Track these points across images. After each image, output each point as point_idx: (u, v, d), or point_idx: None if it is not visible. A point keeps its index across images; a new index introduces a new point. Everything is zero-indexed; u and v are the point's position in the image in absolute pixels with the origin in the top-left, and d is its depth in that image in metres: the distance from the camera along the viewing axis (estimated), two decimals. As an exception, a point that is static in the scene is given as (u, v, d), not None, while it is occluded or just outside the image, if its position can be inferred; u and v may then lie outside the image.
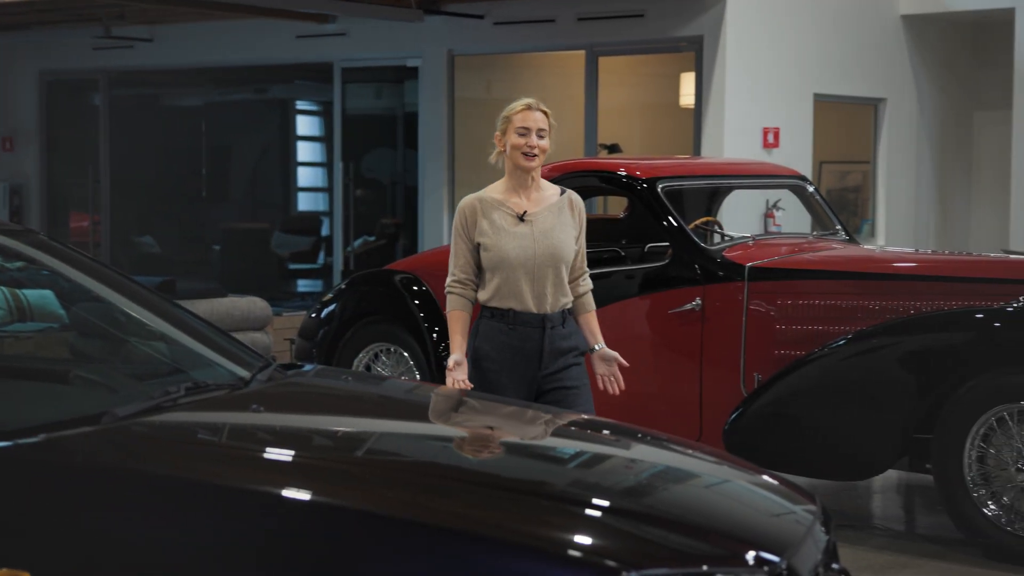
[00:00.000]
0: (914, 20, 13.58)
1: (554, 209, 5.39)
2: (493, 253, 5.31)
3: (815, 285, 6.83)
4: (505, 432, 4.09)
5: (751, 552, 3.12)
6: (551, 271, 5.32)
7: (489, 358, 5.34)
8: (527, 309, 5.31)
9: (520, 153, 5.34)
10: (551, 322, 5.33)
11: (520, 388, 5.32)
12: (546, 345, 5.32)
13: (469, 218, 5.38)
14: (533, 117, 5.37)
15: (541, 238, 5.32)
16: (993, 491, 6.23)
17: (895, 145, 13.67)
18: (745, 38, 11.81)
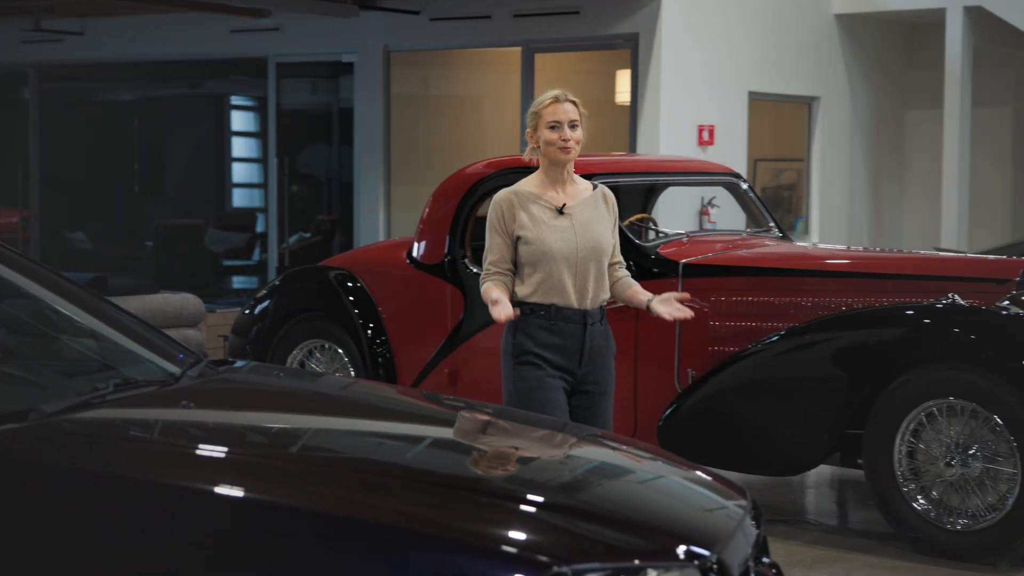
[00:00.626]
0: (848, 19, 13.69)
1: (590, 202, 5.31)
2: (535, 247, 5.19)
3: (748, 282, 6.87)
4: (441, 428, 4.09)
5: (682, 546, 3.16)
6: (593, 265, 5.24)
7: (532, 353, 5.21)
8: (569, 304, 5.21)
9: (556, 148, 5.22)
10: (592, 318, 5.25)
11: (559, 388, 5.22)
12: (587, 342, 5.24)
13: (507, 212, 5.24)
14: (563, 109, 5.24)
15: (582, 231, 5.23)
16: (923, 486, 6.30)
17: (829, 143, 13.78)
18: (680, 36, 11.86)
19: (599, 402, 5.30)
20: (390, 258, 7.95)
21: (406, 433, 3.99)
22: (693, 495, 3.73)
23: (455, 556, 2.98)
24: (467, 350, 7.45)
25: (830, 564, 6.25)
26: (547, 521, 3.19)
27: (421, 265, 7.65)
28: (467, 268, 7.45)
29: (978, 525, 6.17)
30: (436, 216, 7.61)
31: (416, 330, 7.67)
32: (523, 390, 5.19)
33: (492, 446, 3.97)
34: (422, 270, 7.64)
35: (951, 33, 12.96)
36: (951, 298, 6.35)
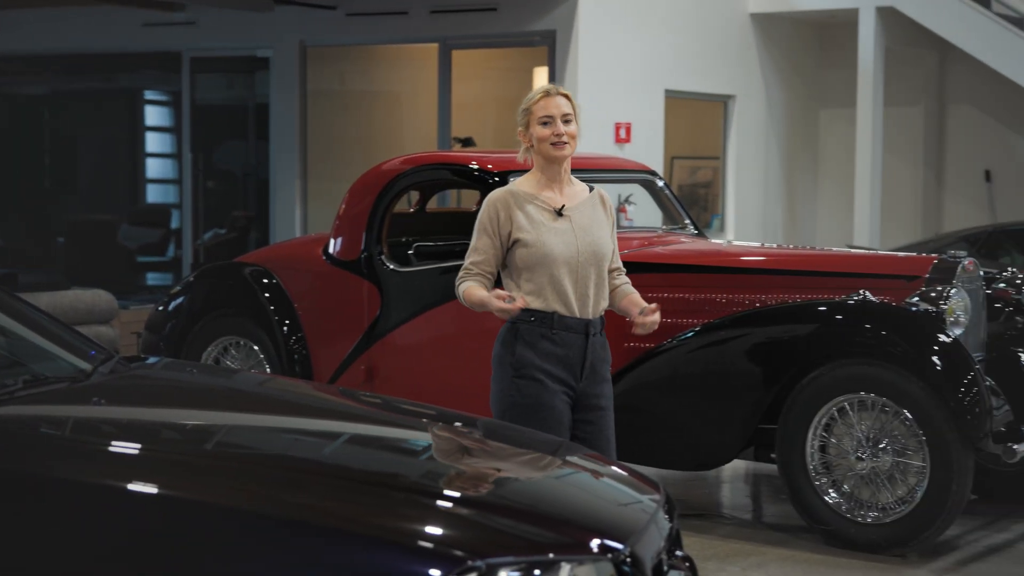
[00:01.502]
0: (763, 19, 13.82)
1: (588, 205, 5.03)
2: (535, 249, 4.87)
3: (663, 278, 6.92)
4: (358, 424, 4.08)
5: (595, 540, 3.20)
6: (594, 270, 4.95)
7: (534, 366, 4.87)
8: (571, 313, 4.90)
9: (548, 144, 4.94)
10: (593, 328, 4.95)
11: (562, 399, 4.91)
12: (588, 354, 4.94)
13: (502, 212, 4.91)
14: (554, 103, 4.95)
15: (582, 234, 4.94)
16: (834, 479, 6.38)
17: (744, 141, 13.90)
18: (597, 33, 11.91)
19: (600, 418, 5.02)
20: (306, 254, 7.91)
21: (322, 429, 3.98)
22: (607, 490, 3.77)
23: (370, 552, 2.99)
24: (384, 347, 7.44)
25: (744, 558, 6.32)
26: (462, 516, 3.21)
27: (337, 262, 7.62)
28: (384, 265, 7.43)
29: (888, 518, 6.26)
30: (352, 212, 7.58)
31: (332, 327, 7.64)
32: (524, 407, 4.86)
33: (409, 442, 3.97)
34: (338, 267, 7.61)
35: (864, 33, 13.13)
36: (862, 294, 6.43)
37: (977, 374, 6.13)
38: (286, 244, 9.06)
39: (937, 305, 6.37)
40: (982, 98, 14.17)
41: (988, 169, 14.26)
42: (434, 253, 7.75)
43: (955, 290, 6.44)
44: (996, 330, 7.01)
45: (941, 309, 6.36)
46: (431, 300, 7.30)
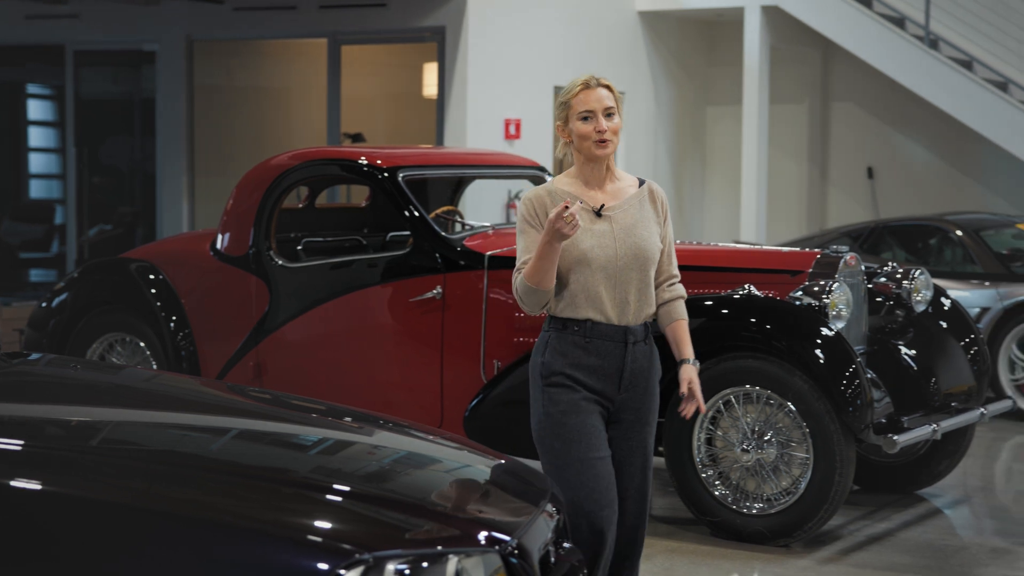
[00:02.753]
0: (651, 16, 13.95)
1: (634, 202, 4.59)
2: (568, 252, 4.47)
3: (553, 273, 6.95)
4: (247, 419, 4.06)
5: (483, 533, 3.23)
6: (636, 275, 4.53)
7: (564, 375, 4.51)
8: (607, 320, 4.51)
9: (591, 142, 4.51)
10: (634, 336, 4.54)
11: (596, 412, 4.52)
12: (627, 364, 4.53)
13: (539, 209, 4.52)
14: (595, 96, 4.54)
15: (623, 236, 4.52)
16: (720, 471, 6.47)
17: (633, 138, 14.02)
18: (487, 30, 11.94)
19: (638, 433, 4.59)
20: (193, 250, 7.84)
21: (209, 425, 3.95)
22: (495, 483, 3.79)
23: (258, 546, 2.99)
24: (273, 343, 7.40)
25: (632, 549, 6.37)
26: (351, 510, 3.22)
27: (225, 257, 7.56)
28: (272, 260, 7.40)
29: (773, 509, 6.37)
30: (240, 208, 7.53)
31: (220, 323, 7.59)
32: (555, 415, 4.50)
33: (299, 437, 3.96)
34: (226, 262, 7.55)
35: (749, 32, 13.31)
36: (747, 289, 6.53)
37: (859, 367, 6.25)
38: (173, 240, 8.96)
39: (820, 299, 6.49)
40: (865, 96, 14.43)
41: (871, 166, 14.52)
42: (323, 249, 7.73)
43: (837, 284, 6.56)
44: (877, 323, 7.16)
45: (824, 303, 6.48)
46: (320, 296, 7.28)
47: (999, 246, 10.33)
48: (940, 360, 7.10)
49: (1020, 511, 7.41)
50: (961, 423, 6.91)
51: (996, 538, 6.74)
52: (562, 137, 4.62)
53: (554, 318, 4.56)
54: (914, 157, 14.32)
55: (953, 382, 7.08)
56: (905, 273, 7.21)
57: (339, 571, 2.92)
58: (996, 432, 9.19)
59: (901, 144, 14.42)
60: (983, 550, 6.51)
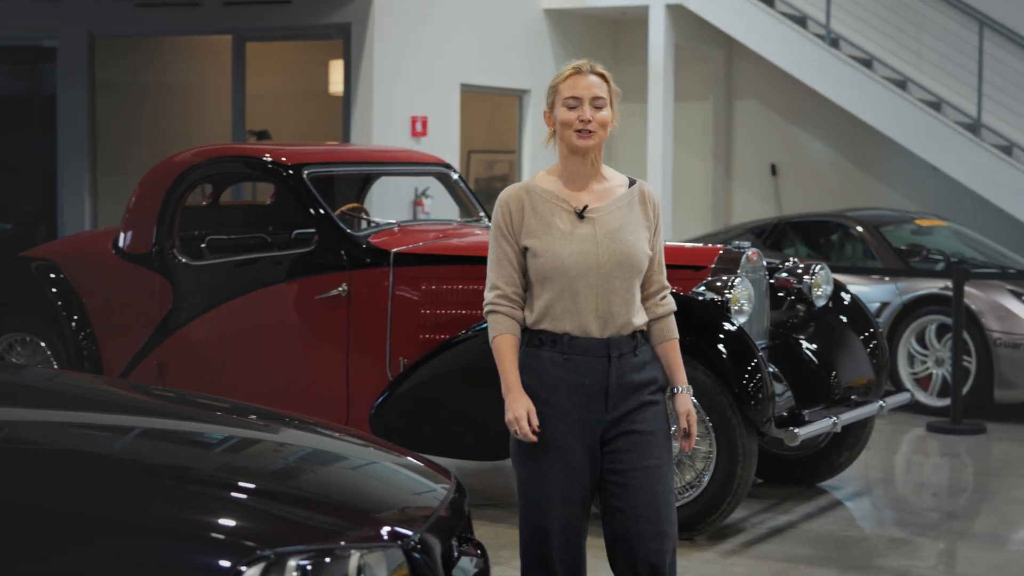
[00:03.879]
0: (556, 14, 14.01)
1: (622, 203, 4.17)
2: (544, 260, 4.07)
3: (458, 270, 6.98)
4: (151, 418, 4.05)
5: (386, 528, 3.26)
6: (621, 283, 4.11)
7: (538, 399, 4.07)
8: (587, 333, 4.07)
9: (572, 131, 4.12)
10: (618, 349, 4.10)
11: (579, 435, 4.07)
12: (612, 379, 4.08)
13: (515, 213, 4.12)
14: (584, 83, 4.17)
15: (607, 240, 4.10)
16: (625, 466, 6.52)
17: (539, 136, 14.00)
18: (393, 27, 11.93)
19: (648, 443, 4.10)
20: (95, 249, 7.76)
21: (113, 424, 3.94)
22: (400, 479, 3.82)
23: (160, 544, 3.00)
24: (177, 341, 7.35)
25: (535, 544, 6.40)
26: (255, 508, 3.24)
27: (128, 255, 7.50)
28: (176, 258, 7.35)
29: (677, 502, 6.42)
30: (143, 206, 7.47)
31: (123, 322, 7.52)
32: (525, 446, 4.09)
33: (203, 435, 3.95)
34: (129, 260, 7.49)
35: (654, 30, 13.41)
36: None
37: (760, 361, 6.34)
38: (74, 238, 8.88)
39: (722, 294, 6.57)
40: (768, 94, 14.60)
41: (774, 163, 14.70)
42: (227, 247, 7.69)
43: (739, 280, 6.64)
44: (779, 318, 7.26)
45: (726, 298, 6.56)
46: (225, 294, 7.24)
47: (898, 242, 10.51)
48: (840, 354, 7.21)
49: (919, 502, 7.55)
50: (861, 416, 7.03)
51: (895, 529, 6.87)
52: (547, 125, 4.25)
53: (530, 332, 4.12)
54: (816, 154, 14.52)
55: (853, 376, 7.20)
56: (806, 268, 7.32)
57: (240, 568, 2.94)
58: (895, 425, 9.35)
59: (804, 141, 14.62)
60: (882, 541, 6.63)
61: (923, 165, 13.16)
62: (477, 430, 6.76)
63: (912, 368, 9.82)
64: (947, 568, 6.34)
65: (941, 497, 7.64)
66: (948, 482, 8.12)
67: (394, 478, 3.82)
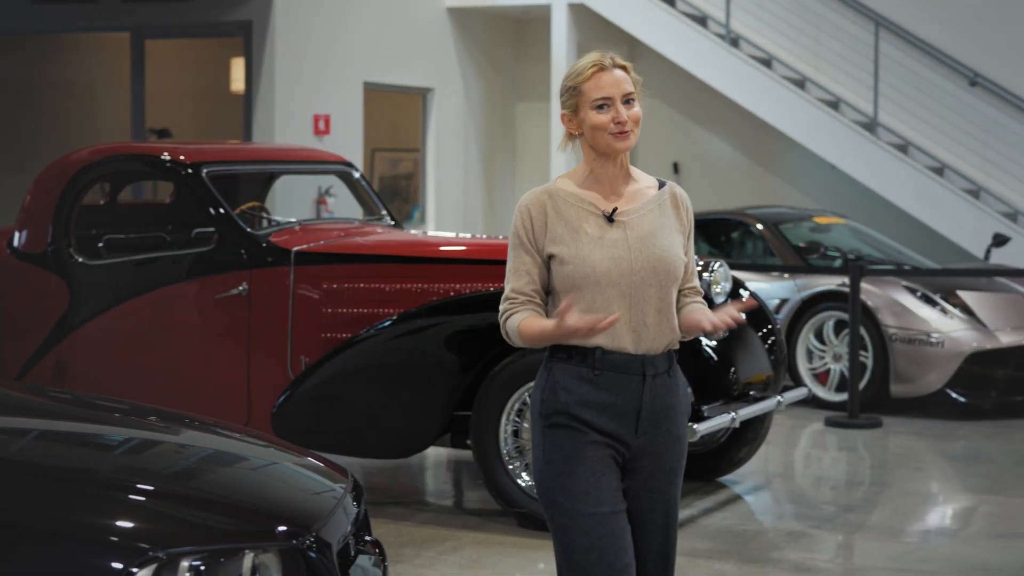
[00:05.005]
0: (460, 13, 14.02)
1: (653, 206, 3.86)
2: (573, 267, 3.72)
3: (359, 269, 6.97)
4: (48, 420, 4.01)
5: (281, 527, 3.27)
6: (655, 291, 3.76)
7: (567, 414, 3.72)
8: (621, 348, 3.72)
9: (608, 135, 3.76)
10: (654, 368, 3.75)
11: (606, 459, 3.74)
12: (646, 401, 3.74)
13: (536, 219, 3.77)
14: (612, 79, 3.78)
15: (639, 246, 3.77)
16: (527, 463, 6.55)
17: (443, 134, 14.09)
18: (295, 25, 11.87)
19: (660, 484, 3.81)
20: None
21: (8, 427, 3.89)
22: (298, 478, 3.82)
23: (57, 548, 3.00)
24: (74, 342, 7.26)
25: (440, 543, 6.43)
26: (152, 509, 3.24)
27: (23, 255, 7.40)
28: (72, 258, 7.26)
29: (578, 497, 6.46)
30: (38, 205, 7.37)
31: (18, 322, 7.42)
32: (557, 463, 3.73)
33: (102, 437, 3.93)
34: (24, 260, 7.39)
35: (556, 29, 13.48)
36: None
37: (660, 358, 6.38)
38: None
39: (622, 292, 6.61)
40: (670, 93, 14.73)
41: (676, 161, 14.83)
42: (125, 246, 7.62)
43: (639, 277, 6.69)
44: (679, 315, 7.32)
45: (626, 295, 6.60)
46: (123, 294, 7.18)
47: (797, 239, 10.66)
48: (739, 350, 7.29)
49: (817, 496, 7.67)
50: (759, 411, 7.11)
51: (794, 522, 6.97)
52: (567, 128, 3.83)
53: (556, 346, 3.76)
54: (717, 152, 14.68)
55: (751, 371, 7.28)
56: (705, 265, 7.38)
57: (132, 570, 2.94)
58: (794, 420, 9.48)
59: (705, 140, 14.76)
60: (781, 534, 6.72)
61: (822, 163, 13.36)
62: (381, 429, 6.77)
63: (811, 363, 9.96)
64: (845, 560, 6.45)
65: (839, 490, 7.76)
66: (846, 475, 8.25)
67: (292, 478, 3.82)
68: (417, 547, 6.36)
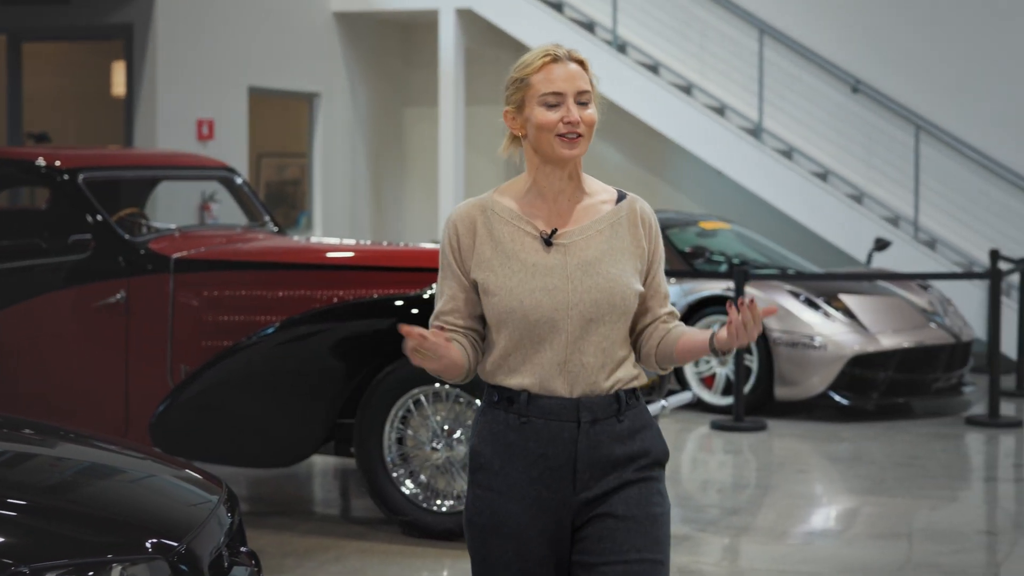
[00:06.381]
0: (346, 18, 13.95)
1: (604, 226, 3.32)
2: (499, 299, 3.24)
3: (240, 276, 6.89)
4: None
5: (150, 539, 3.25)
6: (598, 328, 3.25)
7: (490, 469, 3.27)
8: (551, 391, 3.24)
9: (555, 137, 3.27)
10: (591, 412, 3.25)
11: (539, 519, 3.24)
12: (582, 451, 3.24)
13: (463, 237, 3.31)
14: (564, 73, 3.28)
15: (580, 275, 3.26)
16: (411, 470, 6.51)
17: (330, 139, 14.00)
18: (177, 28, 11.72)
19: (621, 528, 3.24)
20: None
21: None
22: (171, 490, 3.80)
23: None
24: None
25: (323, 552, 6.36)
26: (21, 524, 3.20)
27: None
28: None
29: (463, 505, 6.42)
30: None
31: None
32: (476, 525, 3.28)
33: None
34: None
35: (444, 34, 13.46)
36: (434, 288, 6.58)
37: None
38: None
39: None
40: (557, 99, 14.76)
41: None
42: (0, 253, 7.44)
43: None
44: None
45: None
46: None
47: (683, 244, 10.73)
48: (624, 355, 7.30)
49: (703, 498, 7.71)
50: (644, 415, 7.12)
51: (680, 525, 6.99)
52: (510, 127, 3.36)
53: (486, 389, 3.33)
54: (605, 158, 14.74)
55: (636, 375, 7.29)
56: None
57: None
58: (681, 423, 9.54)
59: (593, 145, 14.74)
60: (666, 537, 6.74)
61: (709, 169, 13.48)
62: (263, 437, 6.68)
63: (697, 367, 10.03)
64: (730, 563, 6.49)
65: (724, 493, 7.82)
66: (731, 478, 8.32)
67: (165, 489, 3.80)
68: (299, 557, 6.28)
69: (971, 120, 13.08)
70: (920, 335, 9.98)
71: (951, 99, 13.15)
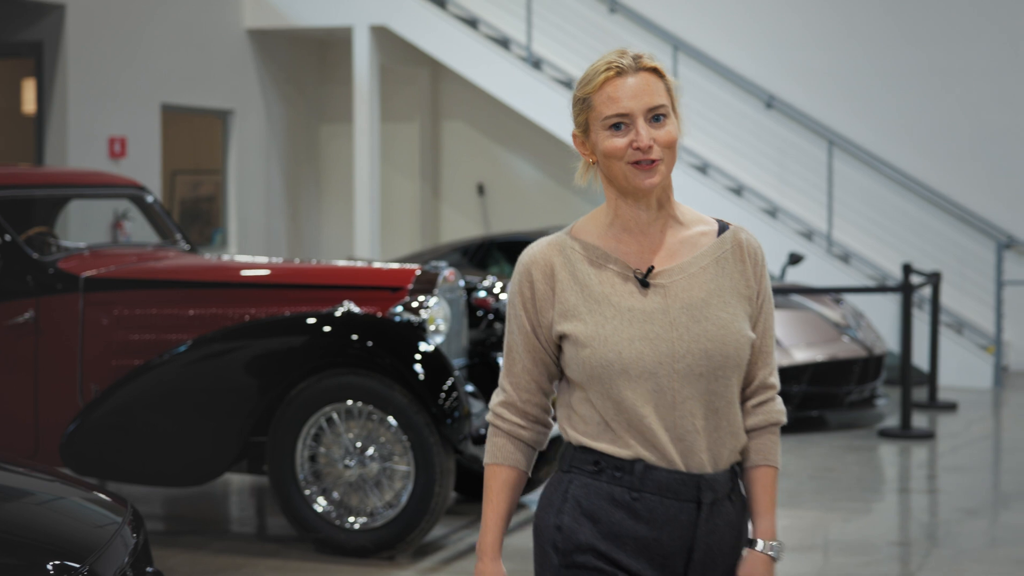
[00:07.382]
0: (260, 35, 13.88)
1: (708, 261, 2.85)
2: (591, 352, 2.77)
3: (151, 295, 6.83)
4: None
5: (52, 561, 3.20)
6: (707, 385, 2.78)
7: (595, 551, 2.79)
8: (669, 464, 2.77)
9: (627, 165, 2.81)
10: (712, 491, 2.80)
11: None
12: (700, 537, 2.80)
13: (540, 284, 2.84)
14: (631, 88, 2.79)
15: (686, 320, 2.79)
16: (324, 488, 6.48)
17: (245, 156, 13.91)
18: (89, 45, 11.61)
19: None
20: None
21: None
22: (74, 510, 3.74)
23: None
24: None
25: (236, 570, 6.32)
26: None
27: None
28: None
29: (376, 522, 6.42)
30: None
31: None
32: None
33: None
34: None
35: (359, 51, 13.44)
36: (347, 306, 6.57)
37: (457, 380, 6.39)
38: None
39: (419, 315, 6.60)
40: (473, 115, 14.81)
41: (480, 183, 14.90)
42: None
43: (436, 300, 6.69)
44: (477, 337, 7.34)
45: (423, 319, 6.59)
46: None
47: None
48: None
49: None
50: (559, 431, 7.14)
51: (593, 539, 7.01)
52: (582, 154, 2.92)
53: (576, 452, 2.85)
54: (522, 174, 14.79)
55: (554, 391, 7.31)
56: (504, 287, 7.43)
57: None
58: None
59: (509, 161, 14.86)
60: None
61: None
62: (175, 456, 6.63)
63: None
64: None
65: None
66: (646, 492, 8.34)
67: (70, 510, 3.74)
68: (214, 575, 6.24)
69: (884, 135, 13.27)
70: (833, 348, 10.09)
71: (864, 114, 13.34)
